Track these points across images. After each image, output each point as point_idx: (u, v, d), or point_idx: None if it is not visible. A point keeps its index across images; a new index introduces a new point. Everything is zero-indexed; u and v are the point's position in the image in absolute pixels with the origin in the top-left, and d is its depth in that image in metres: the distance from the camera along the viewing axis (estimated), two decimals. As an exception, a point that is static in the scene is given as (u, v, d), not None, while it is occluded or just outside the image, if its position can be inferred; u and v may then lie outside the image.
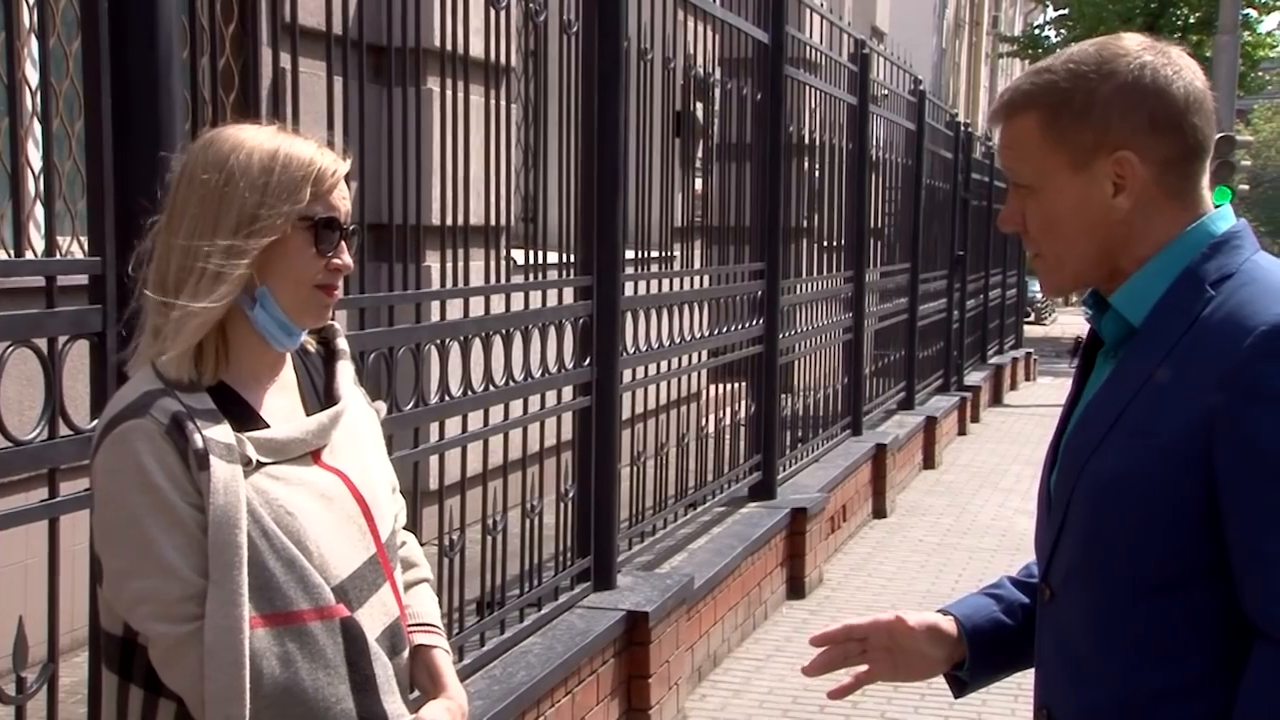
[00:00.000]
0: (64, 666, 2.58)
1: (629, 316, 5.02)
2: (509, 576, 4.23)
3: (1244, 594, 1.54)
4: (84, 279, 2.50)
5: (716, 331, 6.18)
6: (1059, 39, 28.08)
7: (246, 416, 1.86)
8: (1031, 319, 29.45)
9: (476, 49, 4.06)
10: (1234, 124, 18.65)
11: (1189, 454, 1.55)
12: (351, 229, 1.94)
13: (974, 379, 13.85)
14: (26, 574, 4.02)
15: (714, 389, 6.91)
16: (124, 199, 2.44)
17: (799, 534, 6.69)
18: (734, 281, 6.43)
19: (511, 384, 4.19)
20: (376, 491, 1.97)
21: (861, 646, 1.94)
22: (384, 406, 2.71)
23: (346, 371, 2.03)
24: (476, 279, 4.06)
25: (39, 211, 2.65)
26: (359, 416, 2.02)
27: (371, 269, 3.51)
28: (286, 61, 3.11)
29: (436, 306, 3.85)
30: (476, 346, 3.97)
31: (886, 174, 10.20)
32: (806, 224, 8.02)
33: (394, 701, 1.88)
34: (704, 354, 6.20)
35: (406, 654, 1.98)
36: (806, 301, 7.82)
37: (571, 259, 4.67)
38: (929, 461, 10.60)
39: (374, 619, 1.90)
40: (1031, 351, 19.26)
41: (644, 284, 5.28)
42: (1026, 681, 1.81)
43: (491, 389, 4.06)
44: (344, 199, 1.91)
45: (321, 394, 1.99)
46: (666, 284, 5.51)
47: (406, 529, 2.14)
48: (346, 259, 1.91)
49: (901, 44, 11.59)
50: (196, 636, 1.74)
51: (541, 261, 4.42)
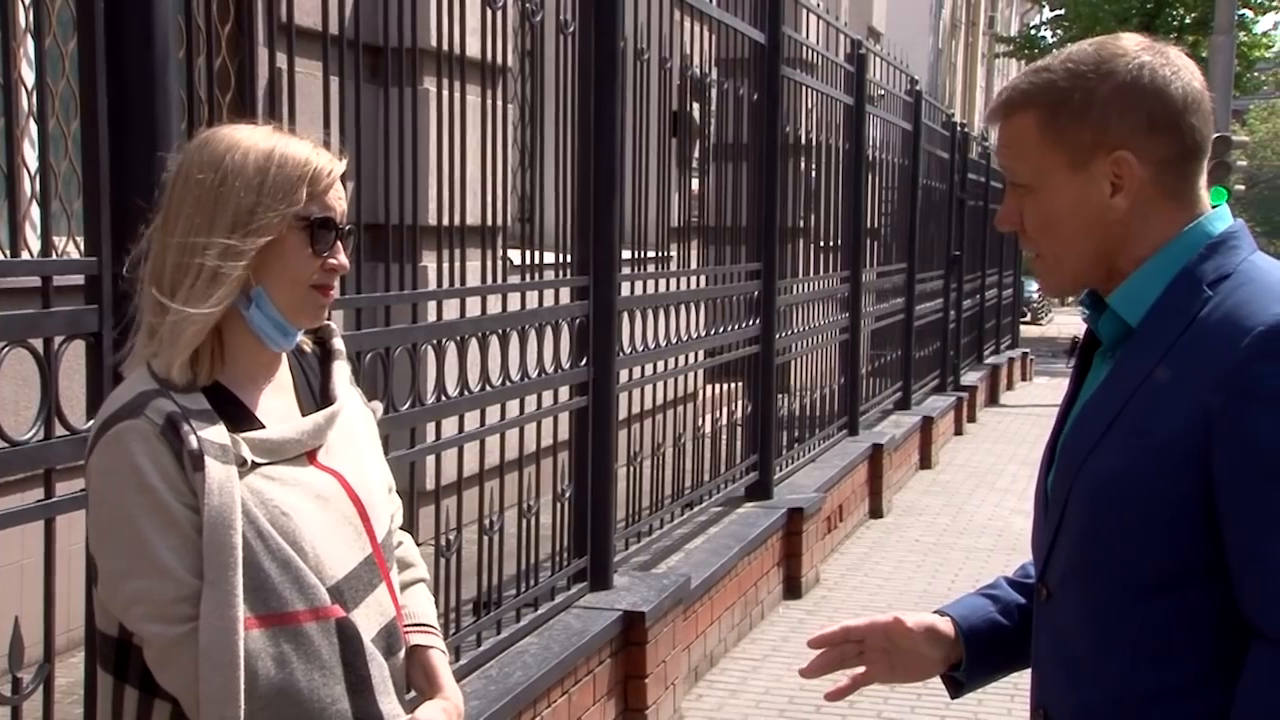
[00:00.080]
0: (60, 667, 2.58)
1: (625, 316, 5.02)
2: (505, 576, 4.23)
3: (1241, 594, 1.54)
4: (80, 279, 2.50)
5: (713, 331, 6.18)
6: (1055, 39, 28.10)
7: (242, 417, 1.85)
8: (1028, 319, 29.43)
9: (473, 49, 4.06)
10: (1230, 124, 18.65)
11: (1186, 454, 1.55)
12: (348, 229, 1.94)
13: (970, 379, 13.85)
14: (22, 574, 4.02)
15: (710, 389, 6.91)
16: (120, 199, 2.43)
17: (795, 534, 6.69)
18: (730, 282, 6.43)
19: (508, 384, 4.19)
20: (372, 492, 1.97)
21: (859, 648, 1.94)
22: (380, 407, 2.71)
23: (343, 372, 2.03)
24: (473, 279, 4.06)
25: (35, 211, 2.65)
26: (355, 417, 2.02)
27: (368, 269, 3.51)
28: (283, 61, 3.11)
29: (433, 306, 3.85)
30: (473, 346, 3.97)
31: (883, 174, 10.21)
32: (803, 224, 8.02)
33: (390, 702, 1.88)
34: (700, 354, 6.20)
35: (402, 654, 1.98)
36: (803, 301, 7.82)
37: (568, 259, 4.67)
38: (925, 461, 10.60)
39: (369, 619, 1.89)
40: (1028, 351, 19.28)
41: (640, 284, 5.28)
42: (1023, 681, 1.81)
43: (488, 389, 4.06)
44: (340, 199, 1.91)
45: (317, 394, 1.99)
46: (663, 284, 5.51)
47: (403, 529, 2.14)
48: (342, 259, 1.91)
49: (898, 44, 11.59)
50: (191, 637, 1.74)
51: (538, 262, 4.42)
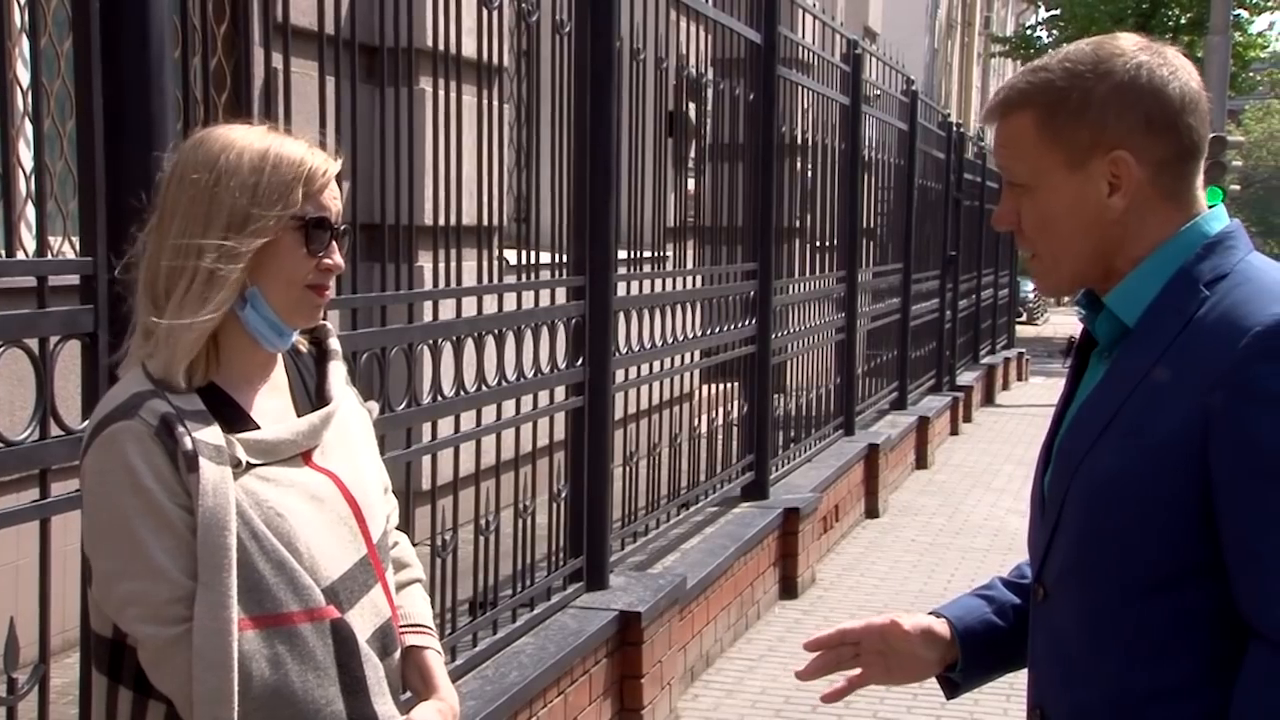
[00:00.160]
0: (55, 667, 2.58)
1: (621, 316, 5.01)
2: (501, 577, 4.23)
3: (1239, 594, 1.54)
4: (75, 279, 2.49)
5: (709, 331, 6.18)
6: (1050, 39, 28.13)
7: (237, 418, 1.85)
8: (1023, 319, 29.48)
9: (469, 49, 4.06)
10: (1225, 124, 18.66)
11: (1184, 454, 1.55)
12: (343, 229, 1.93)
13: (966, 379, 13.87)
14: (18, 575, 4.02)
15: (707, 389, 6.91)
16: (116, 199, 2.43)
17: (791, 534, 6.69)
18: (726, 282, 6.43)
19: (504, 384, 4.19)
20: (368, 492, 1.97)
21: (854, 650, 1.94)
22: (376, 407, 2.71)
23: (338, 372, 2.03)
24: (469, 279, 4.06)
25: (30, 211, 2.65)
26: (351, 417, 2.01)
27: (364, 269, 3.50)
28: (278, 61, 3.10)
29: (429, 306, 3.85)
30: (469, 346, 3.97)
31: (879, 174, 10.21)
32: (799, 224, 8.02)
33: (385, 703, 1.88)
34: (697, 354, 6.20)
35: (398, 655, 1.97)
36: (799, 301, 7.82)
37: (564, 259, 4.67)
38: (921, 461, 10.61)
39: (365, 620, 1.89)
40: (1024, 351, 19.30)
41: (636, 284, 5.28)
42: (1019, 681, 1.81)
43: (484, 389, 4.05)
44: (335, 199, 1.91)
45: (313, 394, 1.99)
46: (659, 284, 5.51)
47: (399, 529, 2.14)
48: (338, 259, 1.90)
49: (894, 44, 11.60)
50: (185, 639, 1.74)
51: (534, 261, 4.42)
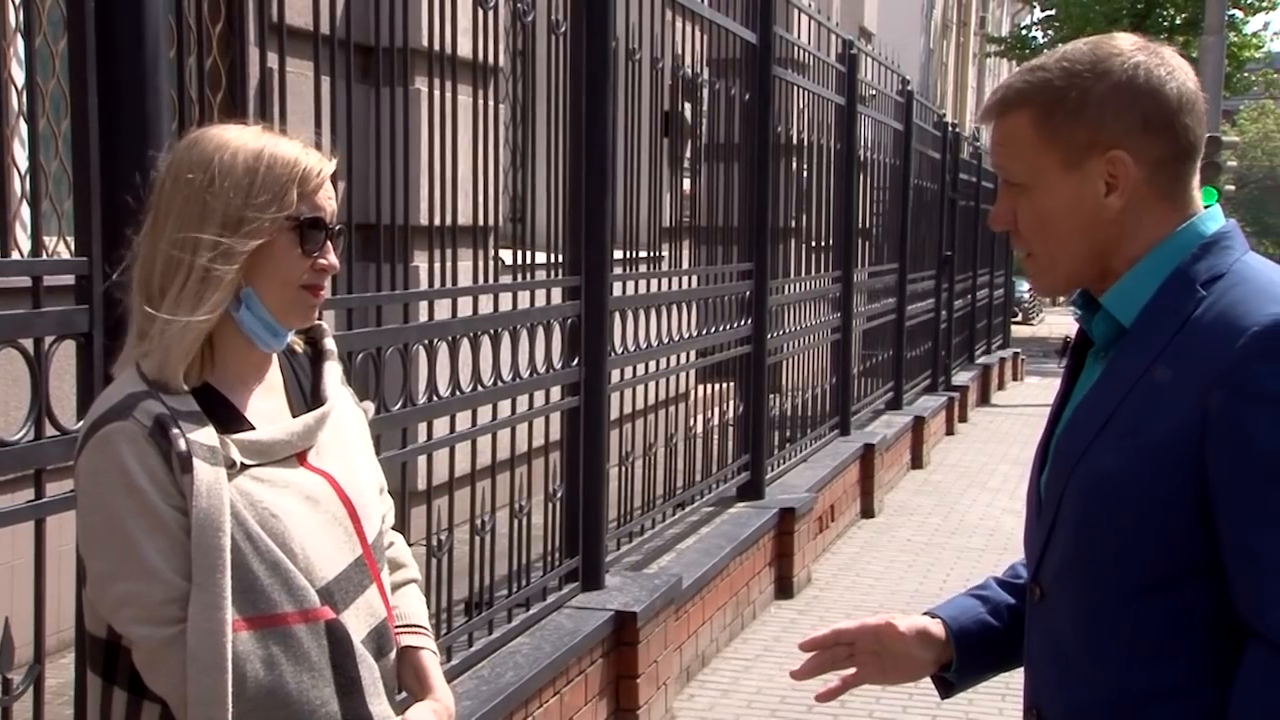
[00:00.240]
0: (50, 668, 2.57)
1: (617, 317, 5.01)
2: (497, 577, 4.23)
3: (1237, 594, 1.54)
4: (70, 279, 2.49)
5: (705, 331, 6.18)
6: (1046, 39, 28.16)
7: (231, 418, 1.85)
8: (1019, 319, 29.51)
9: (464, 49, 4.05)
10: (1220, 125, 18.68)
11: (1181, 454, 1.55)
12: (338, 229, 1.93)
13: (962, 379, 13.87)
14: (13, 575, 4.01)
15: (702, 389, 6.91)
16: (111, 199, 2.43)
17: (787, 534, 6.69)
18: (722, 282, 6.43)
19: (500, 384, 4.18)
20: (363, 492, 1.96)
21: (849, 650, 1.94)
22: (372, 407, 2.71)
23: (334, 372, 2.02)
24: (465, 279, 4.06)
25: (25, 211, 2.64)
26: (346, 417, 2.01)
27: (359, 269, 3.50)
28: (274, 61, 3.10)
29: (424, 307, 3.85)
30: (464, 347, 3.97)
31: (874, 174, 10.21)
32: (795, 224, 8.02)
33: (380, 704, 1.88)
34: (692, 354, 6.20)
35: (393, 655, 1.97)
36: (795, 301, 7.83)
37: (559, 259, 4.67)
38: (917, 461, 10.61)
39: (360, 621, 1.89)
40: (1019, 351, 19.32)
41: (632, 284, 5.27)
42: (1014, 681, 1.81)
43: (480, 389, 4.05)
44: (330, 199, 1.90)
45: (308, 395, 1.98)
46: (655, 284, 5.51)
47: (395, 529, 2.14)
48: (332, 259, 1.90)
49: (889, 44, 11.62)
50: (179, 640, 1.73)
51: (530, 262, 4.42)
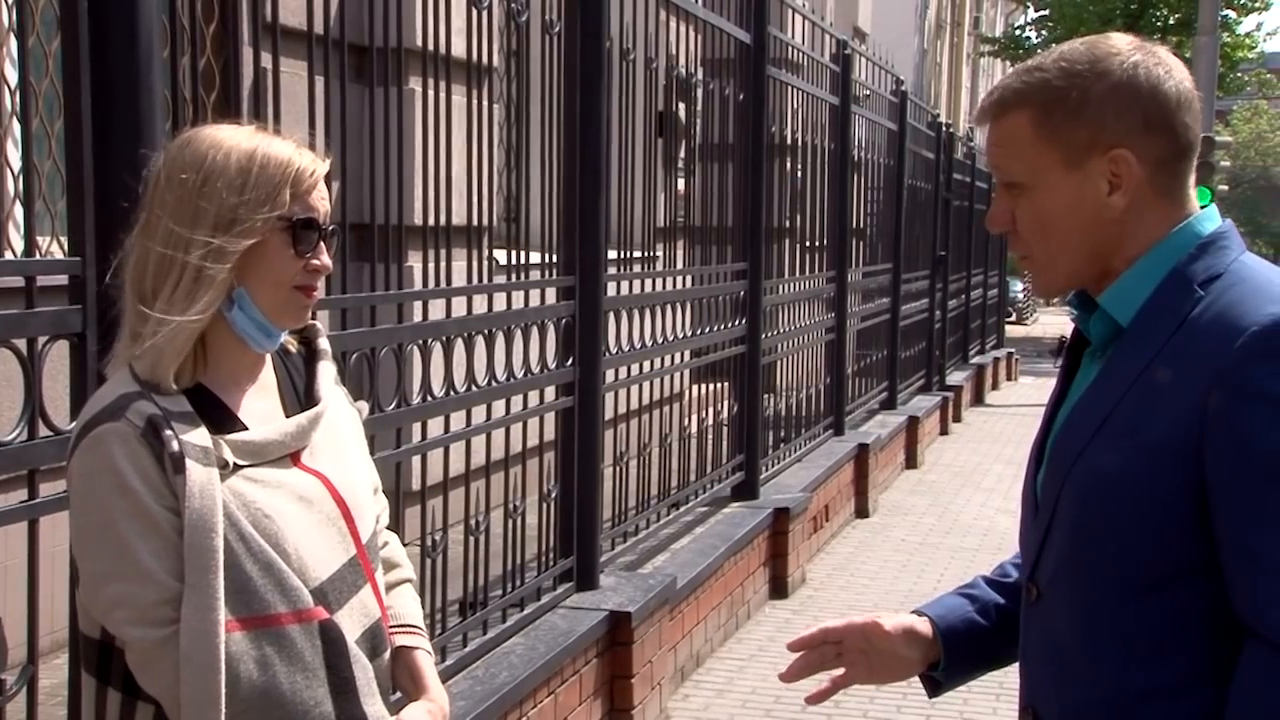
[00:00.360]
0: (44, 669, 2.57)
1: (611, 317, 5.01)
2: (491, 577, 4.23)
3: (1235, 594, 1.54)
4: (64, 279, 2.49)
5: (699, 332, 6.18)
6: (1040, 39, 28.18)
7: (224, 419, 1.85)
8: (1013, 319, 29.52)
9: (458, 49, 4.05)
10: (1213, 125, 18.70)
11: (1180, 454, 1.55)
12: (331, 229, 1.93)
13: (956, 379, 13.87)
14: (6, 575, 4.00)
15: (696, 389, 6.91)
16: (104, 199, 2.42)
17: (781, 534, 6.69)
18: (716, 282, 6.43)
19: (494, 384, 4.18)
20: (357, 493, 1.96)
21: (837, 649, 1.94)
22: (366, 407, 2.70)
23: (328, 372, 2.02)
24: (459, 279, 4.06)
25: (18, 211, 2.64)
26: (340, 417, 2.01)
27: (353, 269, 3.50)
28: (268, 61, 3.10)
29: (419, 307, 3.84)
30: (459, 347, 3.97)
31: (868, 174, 10.21)
32: (789, 224, 8.02)
33: (374, 704, 1.88)
34: (687, 354, 6.20)
35: (388, 655, 1.97)
36: (789, 302, 7.83)
37: (554, 259, 4.67)
38: (911, 461, 10.62)
39: (354, 621, 1.89)
40: (1013, 351, 19.32)
41: (626, 284, 5.28)
42: (1008, 681, 1.81)
43: (474, 389, 4.05)
44: (323, 199, 1.90)
45: (302, 395, 1.98)
46: (649, 284, 5.51)
47: (389, 529, 2.14)
48: (325, 260, 1.90)
49: (883, 44, 11.61)
50: (172, 641, 1.73)
51: (524, 261, 4.41)
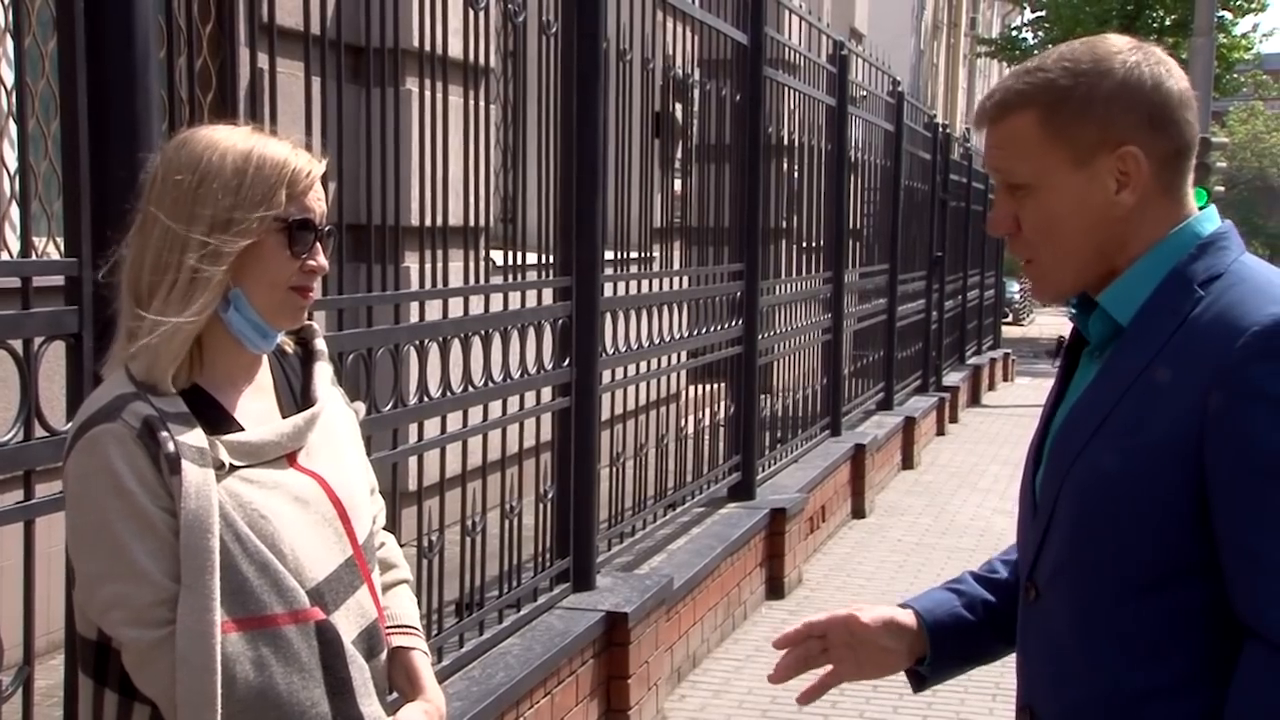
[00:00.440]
0: (40, 669, 2.57)
1: (608, 317, 5.01)
2: (488, 578, 4.23)
3: (1235, 594, 1.54)
4: (60, 280, 2.49)
5: (696, 332, 6.18)
6: (1036, 40, 28.22)
7: (220, 419, 1.85)
8: (1009, 320, 29.55)
9: (455, 50, 4.05)
10: (1209, 126, 18.71)
11: (1180, 453, 1.55)
12: (327, 230, 1.93)
13: (952, 379, 13.88)
14: (2, 577, 3.99)
15: (693, 390, 6.91)
16: (100, 200, 2.43)
17: (778, 534, 6.69)
18: (713, 282, 6.43)
19: (490, 385, 4.18)
20: (354, 493, 1.96)
21: (823, 645, 1.93)
22: (362, 407, 2.71)
23: (324, 373, 2.02)
24: (455, 280, 4.06)
25: (15, 212, 2.64)
26: (337, 418, 2.01)
27: (350, 270, 3.50)
28: (264, 62, 3.10)
29: (415, 307, 3.84)
30: (455, 347, 3.97)
31: (865, 175, 10.22)
32: (785, 225, 8.03)
33: (371, 705, 1.88)
34: (683, 355, 6.20)
35: (384, 656, 1.97)
36: (786, 302, 7.83)
37: (550, 260, 4.67)
38: (908, 462, 10.62)
39: (350, 621, 1.89)
40: (1010, 352, 19.33)
41: (623, 285, 5.28)
42: (1005, 681, 1.81)
43: (470, 390, 4.05)
44: (319, 200, 1.90)
45: (298, 395, 1.98)
46: (646, 285, 5.51)
47: (386, 530, 2.14)
48: (321, 260, 1.90)
49: (880, 45, 11.62)
50: (168, 642, 1.73)
51: (521, 262, 4.42)
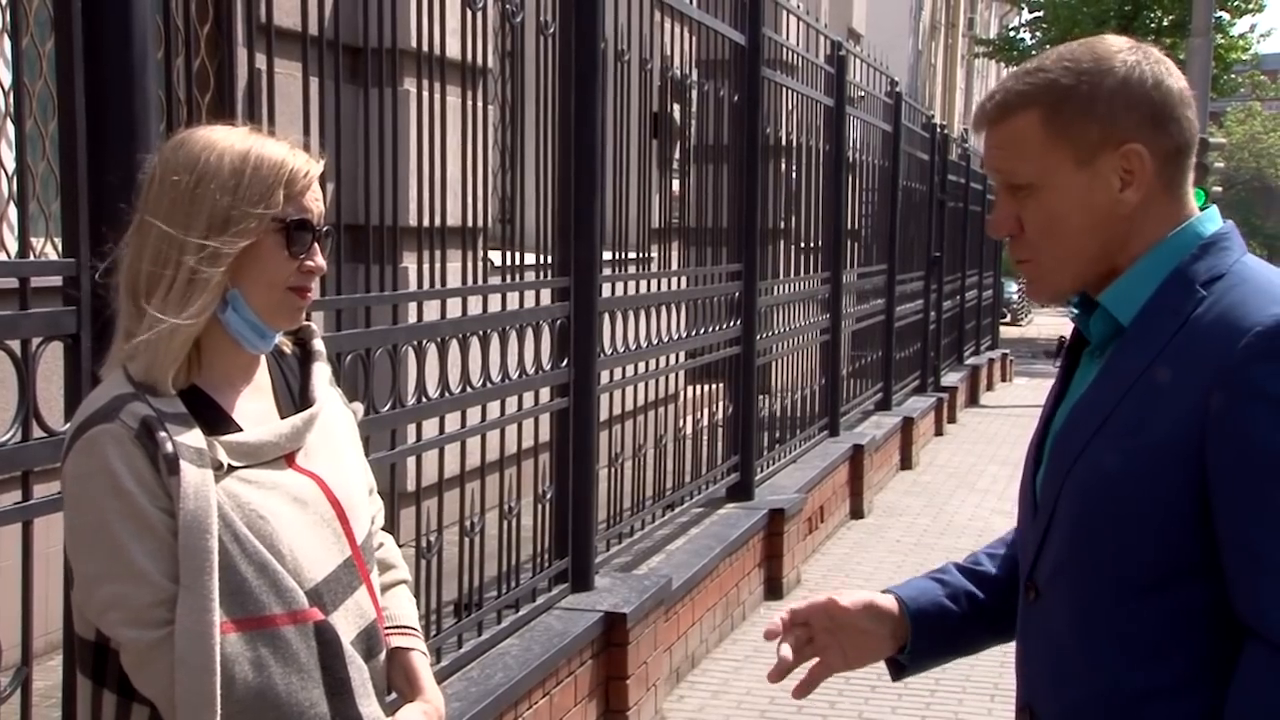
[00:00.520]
0: (38, 670, 2.57)
1: (606, 318, 5.01)
2: (487, 578, 4.23)
3: (1236, 594, 1.54)
4: (58, 280, 2.49)
5: (694, 333, 6.18)
6: (1034, 40, 28.23)
7: (219, 420, 1.85)
8: (1008, 320, 29.56)
9: (453, 50, 4.05)
10: (1207, 127, 18.72)
11: (1181, 453, 1.55)
12: (325, 231, 1.93)
13: (951, 380, 13.89)
14: (1, 578, 4.00)
15: (692, 390, 6.91)
16: (98, 200, 2.43)
17: (776, 535, 6.70)
18: (711, 283, 6.43)
19: (489, 385, 4.18)
20: (352, 494, 1.96)
21: (808, 634, 1.93)
22: (361, 408, 2.71)
23: (322, 373, 2.02)
24: (454, 280, 4.06)
25: (12, 212, 2.64)
26: (335, 418, 2.01)
27: (348, 270, 3.50)
28: (262, 62, 3.10)
29: (413, 308, 3.84)
30: (454, 348, 3.96)
31: (863, 175, 10.22)
32: (784, 225, 8.03)
33: (369, 705, 1.88)
34: (682, 355, 6.20)
35: (383, 656, 1.97)
36: (784, 303, 7.83)
37: (549, 260, 4.67)
38: (906, 462, 10.63)
39: (349, 622, 1.89)
40: (1008, 352, 19.34)
41: (621, 285, 5.28)
42: (1003, 681, 1.81)
43: (469, 390, 4.05)
44: (317, 200, 1.90)
45: (297, 396, 1.98)
46: (644, 285, 5.51)
47: (384, 530, 2.14)
48: (319, 261, 1.90)
49: (878, 46, 11.63)
50: (167, 642, 1.73)
51: (519, 263, 4.42)
